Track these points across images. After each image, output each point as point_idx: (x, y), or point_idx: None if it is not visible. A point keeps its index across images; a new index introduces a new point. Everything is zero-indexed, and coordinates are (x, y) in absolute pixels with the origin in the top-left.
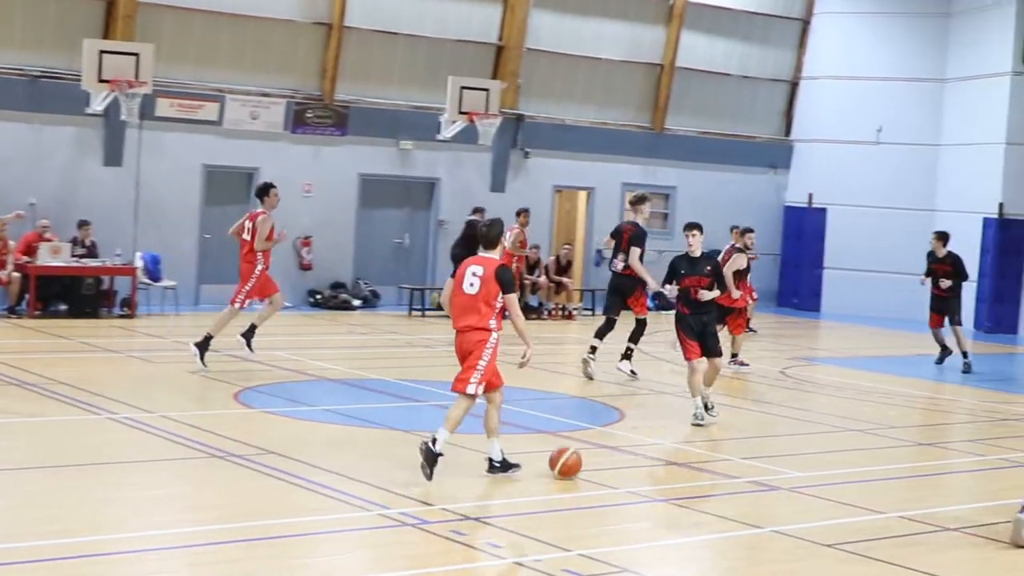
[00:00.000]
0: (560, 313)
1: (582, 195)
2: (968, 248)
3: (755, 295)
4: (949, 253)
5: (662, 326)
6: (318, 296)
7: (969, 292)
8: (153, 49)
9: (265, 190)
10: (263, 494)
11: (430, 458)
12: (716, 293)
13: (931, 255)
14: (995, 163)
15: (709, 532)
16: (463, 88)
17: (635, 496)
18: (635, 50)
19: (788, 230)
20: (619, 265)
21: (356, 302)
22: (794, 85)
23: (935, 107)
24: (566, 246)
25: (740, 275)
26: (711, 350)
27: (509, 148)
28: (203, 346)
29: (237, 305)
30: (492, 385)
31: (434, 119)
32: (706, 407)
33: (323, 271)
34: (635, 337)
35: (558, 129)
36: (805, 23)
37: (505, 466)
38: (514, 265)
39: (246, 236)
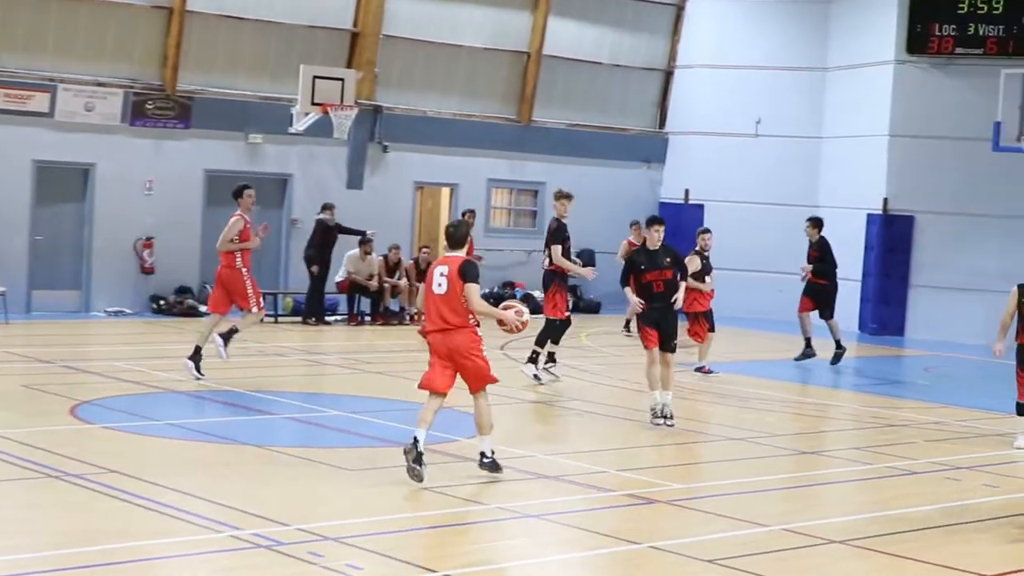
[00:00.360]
0: (422, 318)
1: (445, 192)
2: (852, 246)
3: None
4: (821, 238)
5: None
6: (162, 302)
7: (853, 292)
8: None
9: (239, 192)
10: (103, 516)
11: (493, 468)
12: (683, 287)
13: (809, 241)
14: (879, 156)
15: (584, 549)
16: (316, 77)
17: (506, 512)
18: (500, 37)
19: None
20: (545, 262)
21: (203, 308)
22: (668, 74)
23: (816, 97)
24: (424, 249)
25: (697, 277)
26: (665, 345)
27: (366, 142)
28: (227, 336)
29: (256, 310)
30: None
31: (285, 111)
32: (665, 417)
33: (167, 275)
34: (541, 340)
35: (418, 121)
36: (679, 9)
37: (494, 466)
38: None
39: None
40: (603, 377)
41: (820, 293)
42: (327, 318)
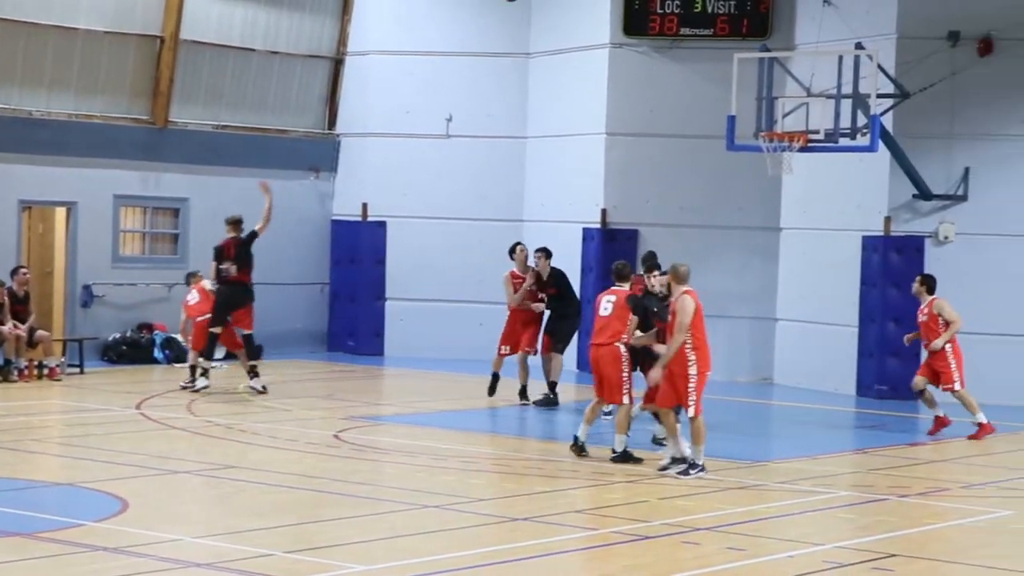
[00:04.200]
0: (36, 373)
1: (60, 213)
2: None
3: None
4: (555, 270)
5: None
6: None
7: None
8: None
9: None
10: None
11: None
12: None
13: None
14: (595, 159)
15: None
16: None
17: None
18: (125, 17)
19: (338, 251)
20: (232, 270)
21: None
22: (338, 63)
23: (519, 89)
24: (23, 271)
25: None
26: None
27: None
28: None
29: None
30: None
31: None
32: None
33: None
34: (251, 354)
35: (22, 125)
36: None
37: (625, 457)
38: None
39: None
40: (266, 438)
41: (560, 328)
42: None
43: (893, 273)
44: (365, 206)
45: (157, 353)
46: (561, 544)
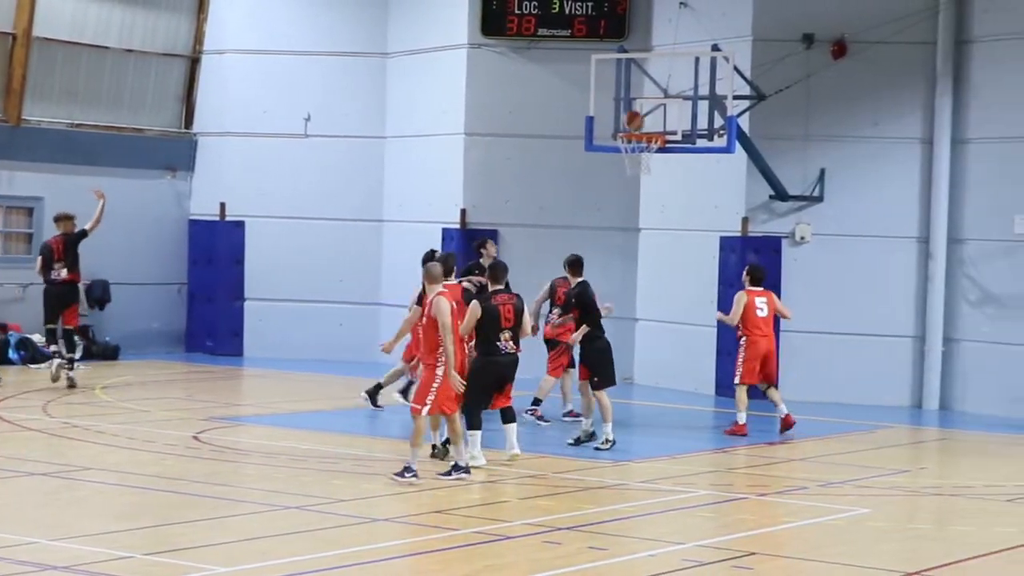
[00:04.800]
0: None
1: None
2: (413, 271)
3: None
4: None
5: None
6: None
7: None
8: None
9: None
10: None
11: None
12: None
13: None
14: (453, 159)
15: None
16: None
17: None
18: None
19: (195, 251)
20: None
21: None
22: (194, 62)
23: (377, 89)
24: None
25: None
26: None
27: None
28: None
29: None
30: None
31: None
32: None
33: None
34: (70, 348)
35: None
36: None
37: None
38: None
39: None
40: (124, 439)
41: None
42: None
43: None
44: (223, 206)
45: (12, 353)
46: (422, 544)
